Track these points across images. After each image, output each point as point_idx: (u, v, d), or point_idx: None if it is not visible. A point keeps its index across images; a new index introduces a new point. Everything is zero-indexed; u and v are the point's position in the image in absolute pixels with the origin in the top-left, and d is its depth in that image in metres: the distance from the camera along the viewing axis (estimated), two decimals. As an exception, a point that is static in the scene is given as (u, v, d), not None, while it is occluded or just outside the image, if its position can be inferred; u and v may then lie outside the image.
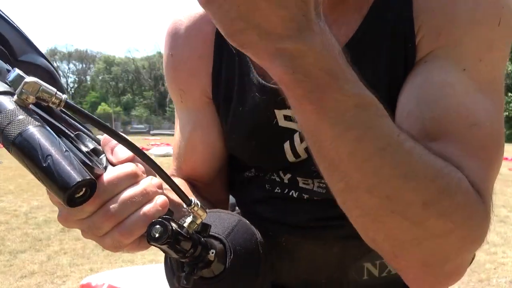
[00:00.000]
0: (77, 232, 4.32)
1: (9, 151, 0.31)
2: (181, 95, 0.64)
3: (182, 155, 0.67)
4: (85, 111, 0.36)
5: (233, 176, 0.69)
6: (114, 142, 0.39)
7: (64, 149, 0.31)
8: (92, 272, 2.92)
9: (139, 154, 0.37)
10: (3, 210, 4.79)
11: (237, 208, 0.73)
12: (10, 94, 0.32)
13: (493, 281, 2.88)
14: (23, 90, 0.31)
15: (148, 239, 0.35)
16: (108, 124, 0.36)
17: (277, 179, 0.62)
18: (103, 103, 52.15)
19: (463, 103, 0.46)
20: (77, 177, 0.30)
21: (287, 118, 0.57)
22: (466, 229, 0.41)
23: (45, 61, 0.47)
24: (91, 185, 0.32)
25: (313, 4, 0.32)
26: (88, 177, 0.31)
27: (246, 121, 0.60)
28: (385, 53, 0.52)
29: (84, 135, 0.38)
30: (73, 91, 62.86)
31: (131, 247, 0.38)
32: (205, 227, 0.41)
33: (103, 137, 0.39)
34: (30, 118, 0.31)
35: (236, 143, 0.63)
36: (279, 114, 0.57)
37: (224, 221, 0.47)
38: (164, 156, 10.22)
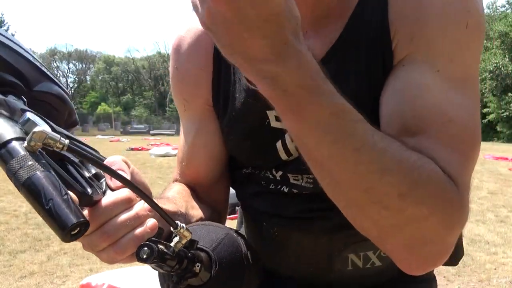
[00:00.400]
0: (77, 232, 4.37)
1: (19, 191, 0.37)
2: (185, 104, 0.71)
3: (186, 160, 0.73)
4: (84, 151, 0.41)
5: (234, 173, 0.74)
6: (114, 167, 0.45)
7: (64, 193, 0.37)
8: (92, 272, 2.92)
9: (133, 188, 0.43)
10: (2, 210, 4.79)
11: (237, 208, 0.78)
12: (22, 139, 0.38)
13: (493, 281, 2.87)
14: (32, 138, 0.37)
15: (137, 259, 0.41)
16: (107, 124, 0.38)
17: (271, 176, 0.67)
18: (103, 103, 52.15)
19: (439, 101, 0.50)
20: (73, 219, 0.36)
21: (278, 118, 0.62)
22: (441, 215, 0.46)
23: (58, 88, 0.52)
24: (85, 225, 0.38)
25: (291, 31, 0.37)
26: (82, 219, 0.37)
27: (242, 124, 0.65)
28: (364, 59, 0.56)
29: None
30: (73, 91, 62.90)
31: (124, 261, 0.45)
32: (192, 243, 0.47)
33: (105, 161, 0.46)
34: (37, 164, 0.37)
35: (233, 145, 0.69)
36: (271, 115, 0.62)
37: (212, 234, 0.53)
38: (163, 156, 10.22)
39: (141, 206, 0.45)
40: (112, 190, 0.45)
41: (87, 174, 0.44)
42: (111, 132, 32.45)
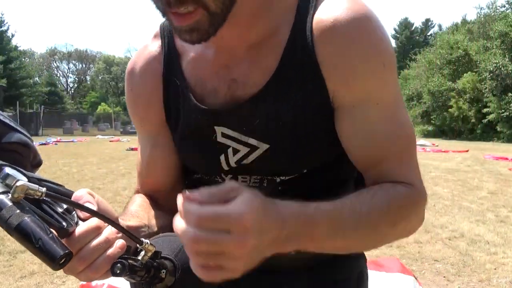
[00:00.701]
0: (77, 232, 4.34)
1: (11, 235, 0.45)
2: (141, 122, 0.79)
3: (145, 172, 0.81)
4: (61, 195, 0.50)
5: (187, 178, 0.82)
6: (82, 200, 0.54)
7: (49, 232, 0.46)
8: (92, 272, 2.92)
9: (100, 217, 0.52)
10: (2, 210, 4.79)
11: None
12: (6, 192, 0.46)
13: (493, 281, 2.87)
14: (15, 191, 0.45)
15: (112, 274, 0.51)
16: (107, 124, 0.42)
17: (220, 180, 0.75)
18: (103, 103, 51.98)
19: (387, 128, 0.65)
20: (60, 252, 0.45)
21: (223, 135, 0.70)
22: (417, 214, 0.68)
23: (21, 136, 0.63)
24: (69, 255, 0.47)
25: (288, 217, 0.51)
26: (67, 251, 0.46)
27: (192, 138, 0.73)
28: (300, 94, 0.65)
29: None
30: (72, 91, 62.87)
31: (101, 278, 0.53)
32: (156, 254, 0.55)
33: (73, 196, 0.54)
34: (23, 211, 0.45)
35: (186, 156, 0.77)
36: (218, 130, 0.70)
37: (173, 244, 0.59)
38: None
39: (109, 230, 0.53)
40: (83, 220, 0.53)
41: (59, 209, 0.51)
42: (111, 132, 32.36)
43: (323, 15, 0.63)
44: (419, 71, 30.37)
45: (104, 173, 8.04)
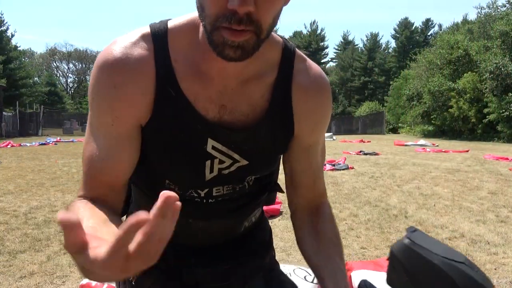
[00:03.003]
0: (76, 232, 4.32)
1: None
2: (114, 120, 0.75)
3: (103, 168, 0.76)
4: None
5: (155, 186, 0.85)
6: None
7: None
8: (91, 273, 2.91)
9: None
10: (2, 210, 4.78)
11: None
12: None
13: (493, 282, 2.87)
14: None
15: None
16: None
17: (195, 194, 0.86)
18: (103, 103, 51.97)
19: (319, 159, 0.95)
20: None
21: (214, 148, 0.80)
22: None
23: None
24: None
25: None
26: None
27: (182, 145, 0.79)
28: (278, 130, 0.84)
29: None
30: (72, 91, 62.83)
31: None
32: None
33: None
34: None
35: (169, 163, 0.81)
36: (210, 142, 0.79)
37: None
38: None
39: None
40: None
41: None
42: (111, 132, 32.15)
43: (301, 80, 0.83)
44: (419, 71, 30.26)
45: (104, 173, 8.03)
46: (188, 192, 0.86)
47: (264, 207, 1.11)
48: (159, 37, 0.76)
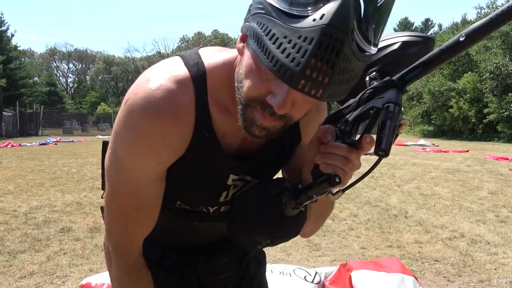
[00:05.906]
0: (76, 232, 4.30)
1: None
2: (160, 164, 0.78)
3: (152, 209, 0.84)
4: None
5: (164, 204, 0.89)
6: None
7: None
8: (91, 273, 2.92)
9: None
10: (2, 210, 4.78)
11: None
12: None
13: (493, 282, 2.87)
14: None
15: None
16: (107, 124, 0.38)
17: (205, 210, 0.92)
18: (102, 103, 51.93)
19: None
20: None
21: (233, 180, 0.87)
22: None
23: None
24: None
25: None
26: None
27: (205, 178, 0.84)
28: (288, 144, 0.91)
29: None
30: (72, 91, 62.81)
31: None
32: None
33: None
34: None
35: (188, 193, 0.88)
36: (231, 177, 0.86)
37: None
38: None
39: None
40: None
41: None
42: (111, 132, 32.27)
43: None
44: (419, 71, 30.22)
45: (104, 173, 8.03)
46: (198, 209, 0.92)
47: None
48: (198, 82, 0.76)
